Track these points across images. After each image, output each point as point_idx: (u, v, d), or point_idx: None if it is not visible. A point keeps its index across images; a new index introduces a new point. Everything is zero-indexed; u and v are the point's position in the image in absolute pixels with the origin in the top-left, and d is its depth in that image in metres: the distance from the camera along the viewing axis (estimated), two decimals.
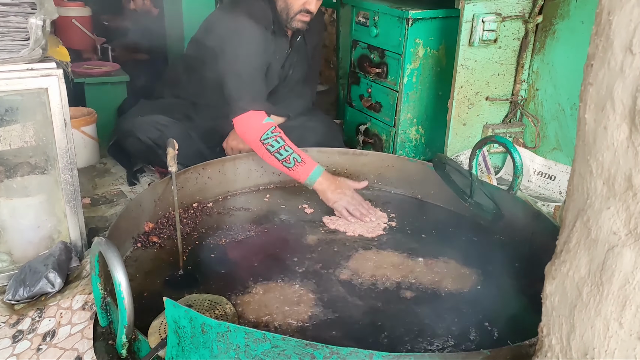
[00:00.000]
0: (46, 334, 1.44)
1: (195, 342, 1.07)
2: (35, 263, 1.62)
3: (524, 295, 1.62)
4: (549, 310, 0.78)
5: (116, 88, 4.02)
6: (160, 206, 1.94)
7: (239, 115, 2.09)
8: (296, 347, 1.01)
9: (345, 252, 1.83)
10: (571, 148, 2.47)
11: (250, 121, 2.08)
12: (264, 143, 2.04)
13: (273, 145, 2.03)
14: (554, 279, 0.77)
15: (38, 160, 1.66)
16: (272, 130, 2.05)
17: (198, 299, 1.29)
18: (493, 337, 1.44)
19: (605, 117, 0.65)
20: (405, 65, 2.49)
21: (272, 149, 2.03)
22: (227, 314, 1.25)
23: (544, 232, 1.82)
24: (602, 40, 0.65)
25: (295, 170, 2.04)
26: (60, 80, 1.57)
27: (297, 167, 2.03)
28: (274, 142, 2.03)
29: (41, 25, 1.44)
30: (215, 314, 1.25)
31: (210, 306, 1.27)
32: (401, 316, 1.51)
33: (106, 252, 1.16)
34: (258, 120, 2.07)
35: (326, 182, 2.05)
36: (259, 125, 2.05)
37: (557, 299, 0.76)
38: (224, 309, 1.26)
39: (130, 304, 1.16)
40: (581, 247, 0.71)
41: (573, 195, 0.75)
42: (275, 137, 2.03)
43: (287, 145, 2.04)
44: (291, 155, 2.03)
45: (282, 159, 2.03)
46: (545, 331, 0.80)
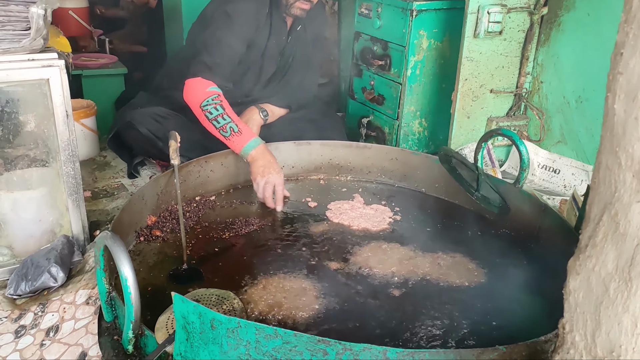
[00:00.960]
0: (49, 329, 1.42)
1: (204, 338, 1.05)
2: (37, 257, 1.59)
3: (531, 290, 1.60)
4: (572, 307, 0.76)
5: (114, 80, 3.98)
6: (162, 199, 1.91)
7: (189, 79, 2.07)
8: (308, 343, 0.99)
9: (350, 245, 1.81)
10: (576, 141, 2.45)
11: (195, 86, 2.05)
12: (203, 109, 2.00)
13: (212, 112, 1.99)
14: (578, 274, 0.75)
15: (39, 152, 1.63)
16: (213, 98, 2.01)
17: (205, 294, 1.27)
18: (501, 332, 1.43)
19: (636, 107, 0.63)
20: (409, 57, 2.46)
21: (210, 115, 1.99)
22: (235, 308, 1.23)
23: (551, 226, 1.81)
24: (633, 28, 0.62)
25: (230, 140, 2.00)
26: (62, 71, 1.54)
27: (233, 137, 1.99)
28: (212, 109, 1.99)
29: (42, 14, 1.41)
30: (223, 309, 1.22)
31: (218, 301, 1.25)
32: (409, 311, 1.49)
33: (112, 247, 1.14)
34: (203, 87, 2.04)
35: (258, 155, 2.01)
36: (202, 92, 2.03)
37: (581, 295, 0.74)
38: (231, 303, 1.24)
39: (137, 299, 1.14)
40: (608, 241, 0.69)
41: (599, 189, 0.73)
42: (215, 104, 2.00)
43: (226, 114, 2.00)
44: (228, 124, 1.99)
45: (219, 127, 2.00)
46: (568, 328, 0.78)
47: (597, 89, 2.32)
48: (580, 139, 2.43)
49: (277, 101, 2.34)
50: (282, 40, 2.24)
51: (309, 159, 2.29)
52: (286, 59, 2.30)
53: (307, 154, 2.27)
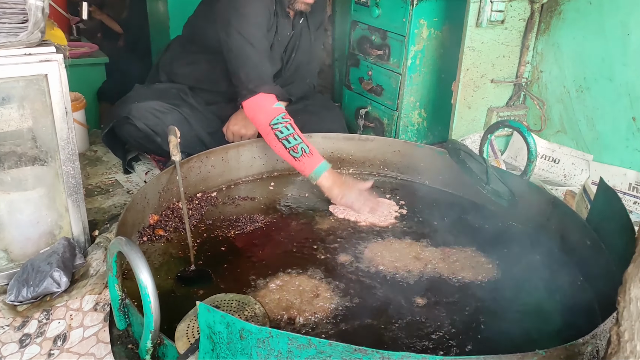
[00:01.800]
0: (57, 338, 1.35)
1: (232, 349, 1.00)
2: (37, 261, 1.52)
3: (547, 285, 1.59)
4: (633, 315, 0.74)
5: (95, 70, 3.88)
6: (164, 197, 1.85)
7: (249, 98, 1.99)
8: (344, 352, 0.95)
9: (359, 241, 1.77)
10: (576, 131, 2.44)
11: (260, 104, 1.98)
12: (273, 128, 1.94)
13: (282, 132, 1.94)
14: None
15: (37, 151, 1.55)
16: (282, 116, 1.96)
17: (224, 299, 1.22)
18: (523, 329, 1.41)
19: None
20: (409, 47, 2.42)
21: (280, 135, 1.94)
22: (257, 314, 1.18)
23: (561, 218, 1.80)
24: None
25: (301, 161, 1.95)
26: (61, 66, 1.46)
27: (304, 158, 1.94)
28: (283, 128, 1.94)
29: (41, 6, 1.33)
30: (245, 315, 1.18)
31: (239, 307, 1.20)
32: (427, 308, 1.46)
33: (129, 254, 1.08)
34: (268, 104, 1.98)
35: (332, 177, 1.96)
36: (269, 109, 1.97)
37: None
38: (253, 309, 1.19)
39: (157, 308, 1.09)
40: None
41: None
42: (285, 123, 1.94)
43: (297, 134, 1.95)
44: (299, 144, 1.94)
45: (290, 147, 1.94)
46: (628, 336, 0.75)
47: (597, 78, 2.31)
48: (580, 128, 2.42)
49: (277, 94, 2.28)
50: (286, 37, 2.18)
51: None
52: (289, 53, 2.24)
53: None
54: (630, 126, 2.23)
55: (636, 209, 2.21)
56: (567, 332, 1.41)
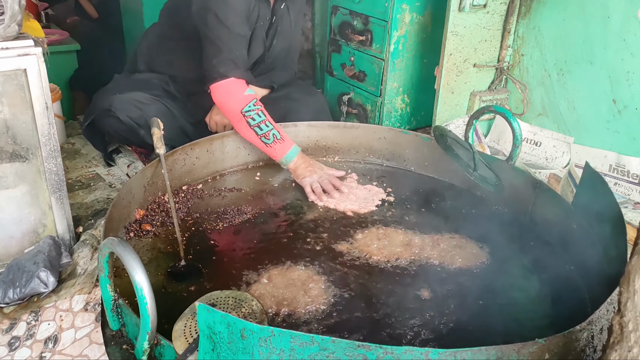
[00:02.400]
0: (47, 340, 1.32)
1: (233, 348, 0.99)
2: (23, 261, 1.48)
3: (537, 270, 1.62)
4: (638, 307, 0.75)
5: (66, 58, 3.78)
6: (149, 191, 1.82)
7: (219, 81, 1.95)
8: (347, 348, 0.95)
9: (348, 231, 1.77)
10: (557, 114, 2.47)
11: (232, 90, 1.95)
12: (245, 115, 1.93)
13: (254, 119, 1.93)
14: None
15: (17, 147, 1.50)
16: (254, 103, 1.94)
17: (220, 297, 1.21)
18: (514, 316, 1.43)
19: None
20: (392, 32, 2.40)
21: (252, 122, 1.93)
22: (255, 311, 1.17)
23: (546, 202, 1.82)
24: None
25: (273, 147, 1.96)
26: (40, 60, 1.41)
27: (275, 144, 1.95)
28: (255, 115, 1.92)
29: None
30: (243, 312, 1.17)
31: (236, 304, 1.18)
32: (421, 298, 1.47)
33: (123, 255, 1.05)
34: (240, 90, 1.95)
35: (300, 160, 2.00)
36: (241, 96, 1.94)
37: None
38: (250, 306, 1.18)
39: (154, 309, 1.07)
40: None
41: None
42: (257, 110, 1.93)
43: (268, 121, 1.95)
44: (271, 131, 1.94)
45: (262, 134, 1.94)
46: (632, 326, 0.76)
47: (578, 61, 2.33)
48: (562, 111, 2.44)
49: (259, 81, 2.25)
50: (266, 22, 2.14)
51: (296, 141, 2.20)
52: (271, 40, 2.20)
53: (293, 136, 2.19)
54: (610, 108, 2.26)
55: (617, 190, 2.25)
56: (557, 316, 1.44)
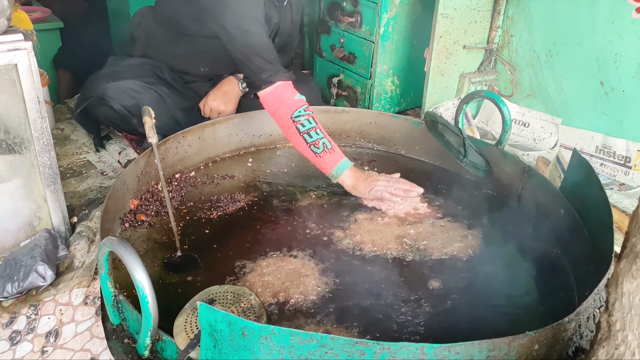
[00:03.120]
0: (48, 334, 1.35)
1: (234, 345, 1.02)
2: (19, 255, 1.49)
3: (522, 256, 1.66)
4: (625, 308, 0.78)
5: (49, 36, 3.71)
6: (143, 181, 1.82)
7: (265, 89, 1.88)
8: (345, 345, 0.99)
9: (342, 217, 1.79)
10: (545, 95, 2.49)
11: (281, 96, 1.87)
12: (294, 121, 1.83)
13: (304, 125, 1.82)
14: (634, 278, 0.76)
15: (10, 142, 1.49)
16: (304, 109, 1.85)
17: (219, 292, 1.23)
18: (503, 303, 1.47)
19: None
20: (381, 14, 2.39)
21: (302, 128, 1.82)
22: (253, 305, 1.20)
23: (534, 186, 1.85)
24: None
25: (322, 157, 1.83)
26: (30, 54, 1.39)
27: (325, 154, 1.82)
28: (305, 121, 1.82)
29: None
30: (242, 307, 1.19)
31: (235, 299, 1.21)
32: (416, 285, 1.51)
33: (124, 255, 1.07)
34: (290, 96, 1.87)
35: (354, 174, 1.86)
36: (291, 101, 1.85)
37: (638, 298, 0.76)
38: (249, 300, 1.21)
39: (155, 307, 1.09)
40: None
41: None
42: (308, 116, 1.83)
43: (318, 128, 1.84)
44: (321, 139, 1.83)
45: (312, 142, 1.82)
46: (620, 326, 0.80)
47: (567, 42, 2.35)
48: (550, 92, 2.47)
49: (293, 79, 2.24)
50: (273, 24, 2.10)
51: None
52: (275, 30, 2.17)
53: None
54: (598, 90, 2.28)
55: (603, 171, 2.29)
56: (546, 303, 1.48)
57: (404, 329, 1.35)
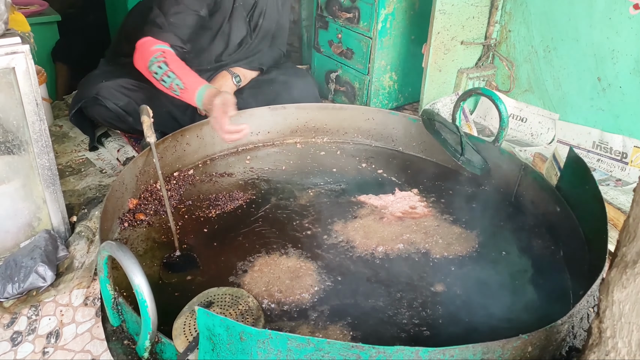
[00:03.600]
0: (49, 335, 1.36)
1: (232, 349, 1.04)
2: (20, 257, 1.50)
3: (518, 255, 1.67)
4: (616, 315, 0.80)
5: (47, 29, 3.70)
6: (141, 180, 1.83)
7: (139, 41, 1.92)
8: (341, 349, 1.00)
9: (340, 216, 1.80)
10: (543, 90, 2.50)
11: (142, 47, 1.90)
12: (150, 70, 1.87)
13: (157, 73, 1.86)
14: (624, 287, 0.77)
15: (9, 145, 1.50)
16: (156, 56, 1.86)
17: (218, 294, 1.25)
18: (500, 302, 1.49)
19: None
20: (379, 10, 2.39)
21: (156, 76, 1.86)
22: (251, 308, 1.21)
23: (531, 184, 1.86)
24: None
25: (182, 97, 1.89)
26: (28, 57, 1.40)
27: (183, 94, 1.87)
28: (157, 68, 1.85)
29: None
30: (240, 309, 1.21)
31: (233, 301, 1.23)
32: (409, 287, 1.52)
33: (123, 260, 1.08)
34: (149, 46, 1.89)
35: (208, 97, 1.85)
36: (147, 52, 1.88)
37: (627, 307, 0.77)
38: (247, 302, 1.22)
39: (154, 311, 1.11)
40: None
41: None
42: (159, 62, 1.85)
43: (170, 71, 1.85)
44: (174, 81, 1.85)
45: (168, 87, 1.88)
46: (610, 333, 0.81)
47: (564, 38, 2.35)
48: (547, 88, 2.47)
49: (248, 64, 2.24)
50: (247, 2, 2.11)
51: (285, 123, 2.23)
52: (256, 19, 2.18)
53: (283, 119, 2.21)
54: (595, 86, 2.29)
55: (599, 167, 2.30)
56: (542, 302, 1.50)
57: (401, 329, 1.37)
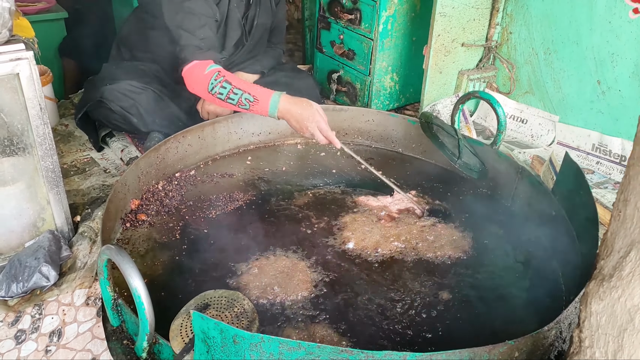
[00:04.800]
0: (52, 334, 1.40)
1: (226, 351, 1.07)
2: (24, 256, 1.54)
3: (514, 258, 1.69)
4: (593, 326, 0.82)
5: (54, 26, 3.73)
6: (143, 181, 1.87)
7: (185, 67, 1.96)
8: (331, 353, 1.03)
9: (337, 216, 1.83)
10: (543, 92, 2.51)
11: (195, 73, 1.94)
12: (212, 93, 1.92)
13: (222, 93, 1.90)
14: (601, 300, 0.80)
15: (14, 147, 1.54)
16: (215, 77, 1.91)
17: (214, 296, 1.28)
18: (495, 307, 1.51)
19: None
20: (380, 12, 2.41)
21: (222, 96, 1.91)
22: (247, 310, 1.24)
23: (528, 187, 1.88)
24: None
25: (253, 110, 1.92)
26: (32, 63, 1.43)
27: (253, 107, 1.91)
28: (220, 89, 1.90)
29: (8, 7, 1.29)
30: (235, 311, 1.24)
31: (228, 304, 1.26)
32: (405, 289, 1.55)
33: (121, 264, 1.12)
34: (201, 71, 1.94)
35: (285, 110, 1.90)
36: (203, 77, 1.92)
37: (604, 318, 0.80)
38: (242, 305, 1.25)
39: (151, 313, 1.14)
40: (636, 277, 0.74)
41: (625, 223, 0.76)
42: (220, 83, 1.90)
43: (235, 87, 1.90)
44: (242, 96, 1.89)
45: (236, 104, 1.91)
46: (588, 343, 0.84)
47: (565, 41, 2.35)
48: (548, 90, 2.48)
49: (248, 68, 2.27)
50: (241, 3, 2.13)
51: (286, 125, 2.22)
52: (251, 21, 2.20)
53: None
54: (594, 89, 2.30)
55: (599, 169, 2.32)
56: (535, 306, 1.52)
57: (395, 332, 1.40)
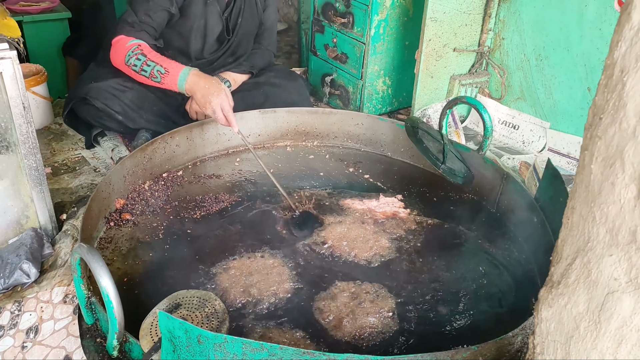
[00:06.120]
0: (29, 330, 1.42)
1: (191, 351, 1.08)
2: (6, 253, 1.57)
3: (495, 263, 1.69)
4: (544, 333, 0.83)
5: (57, 25, 3.77)
6: (129, 181, 1.89)
7: (113, 39, 2.02)
8: (294, 354, 1.04)
9: (321, 219, 1.83)
10: (535, 98, 2.51)
11: (118, 45, 2.01)
12: (127, 64, 1.98)
13: (136, 65, 1.96)
14: (550, 307, 0.80)
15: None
16: (133, 50, 1.97)
17: (186, 296, 1.29)
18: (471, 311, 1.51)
19: (613, 174, 0.66)
20: (372, 16, 2.41)
21: (136, 68, 1.97)
22: (217, 310, 1.26)
23: (511, 193, 1.88)
24: (614, 98, 0.64)
25: (164, 83, 1.99)
26: (15, 62, 1.45)
27: (164, 79, 1.97)
28: (135, 60, 1.96)
29: None
30: (206, 312, 1.25)
31: (200, 304, 1.27)
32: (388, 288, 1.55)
33: (90, 261, 1.13)
34: (124, 43, 2.00)
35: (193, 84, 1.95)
36: (123, 48, 1.99)
37: (553, 325, 0.80)
38: (213, 305, 1.27)
39: (120, 312, 1.15)
40: (580, 285, 0.74)
41: (572, 231, 0.77)
42: (136, 55, 1.96)
43: (149, 60, 1.96)
44: (154, 68, 1.96)
45: (149, 76, 1.97)
46: (539, 350, 0.84)
47: (556, 47, 2.35)
48: (539, 96, 2.48)
49: (237, 68, 2.28)
50: None
51: (275, 127, 2.27)
52: (235, 18, 2.21)
53: (273, 122, 2.25)
54: (585, 96, 2.30)
55: None
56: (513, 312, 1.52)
57: (364, 335, 1.40)
